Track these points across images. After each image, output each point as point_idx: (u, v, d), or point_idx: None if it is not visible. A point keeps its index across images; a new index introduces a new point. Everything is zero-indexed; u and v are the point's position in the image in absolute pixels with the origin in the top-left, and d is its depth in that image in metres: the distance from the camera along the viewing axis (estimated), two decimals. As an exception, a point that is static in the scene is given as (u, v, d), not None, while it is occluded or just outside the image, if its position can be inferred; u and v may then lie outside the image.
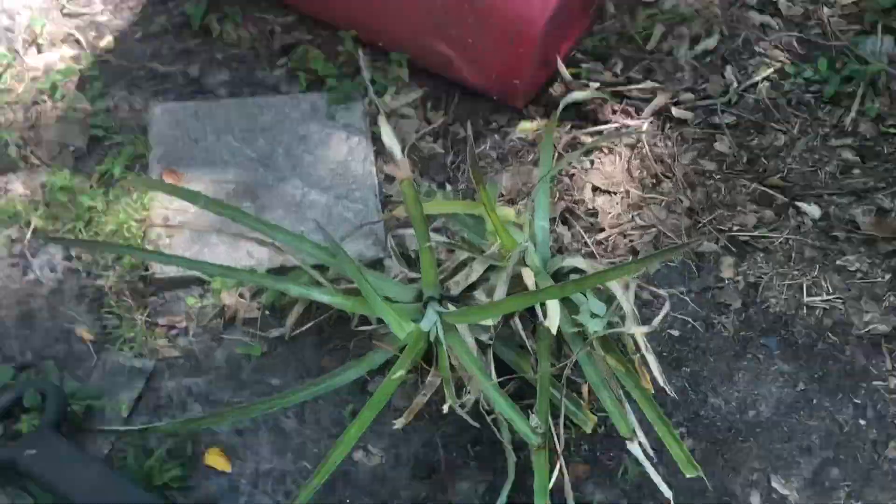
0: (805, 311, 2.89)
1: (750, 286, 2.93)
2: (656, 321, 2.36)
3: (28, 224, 2.84)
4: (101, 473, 2.36)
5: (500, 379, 2.42)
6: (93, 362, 2.63)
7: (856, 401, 2.75)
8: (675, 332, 2.83)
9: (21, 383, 2.50)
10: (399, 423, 2.38)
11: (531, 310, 2.48)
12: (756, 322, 2.86)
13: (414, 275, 2.63)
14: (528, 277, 2.40)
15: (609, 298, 2.47)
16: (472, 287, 2.54)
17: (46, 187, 2.91)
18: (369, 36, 3.34)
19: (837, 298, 2.91)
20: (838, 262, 2.99)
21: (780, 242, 3.02)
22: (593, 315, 2.42)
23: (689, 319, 2.85)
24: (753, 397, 2.73)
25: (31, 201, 2.89)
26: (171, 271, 2.74)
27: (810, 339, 2.84)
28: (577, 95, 3.13)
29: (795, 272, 2.96)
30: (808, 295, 2.91)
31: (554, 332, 2.28)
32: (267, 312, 2.75)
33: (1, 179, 2.95)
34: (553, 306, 2.30)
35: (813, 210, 3.08)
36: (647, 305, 2.85)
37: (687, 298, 2.89)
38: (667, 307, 2.40)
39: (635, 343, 2.43)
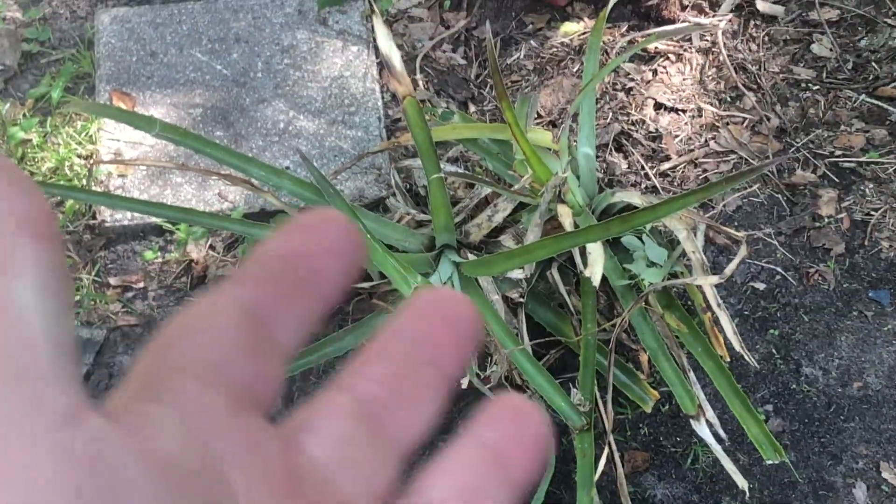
0: (927, 256, 2.91)
1: (856, 226, 2.93)
2: (730, 268, 2.37)
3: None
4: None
5: (536, 341, 2.45)
6: (30, 333, 2.70)
7: None
8: (760, 286, 2.85)
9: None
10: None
11: (574, 260, 2.50)
12: (864, 271, 2.88)
13: (424, 217, 2.66)
14: (566, 217, 2.42)
15: (672, 243, 2.49)
16: (497, 231, 2.57)
17: (-32, 117, 2.98)
18: (370, -82, 3.36)
19: (969, 239, 2.92)
20: (970, 194, 3.00)
21: (896, 170, 3.02)
22: (650, 264, 2.44)
23: (778, 269, 2.86)
24: (860, 365, 2.75)
25: (-50, 135, 2.96)
26: (125, 218, 2.79)
27: (933, 291, 2.86)
28: (636, -13, 3.14)
29: (915, 207, 2.97)
30: (931, 236, 2.93)
31: (596, 282, 2.30)
32: (244, 268, 2.79)
33: (-88, 108, 3.03)
34: (595, 251, 2.32)
35: (938, 128, 3.09)
36: (724, 252, 2.87)
37: (775, 242, 2.90)
38: (743, 251, 2.41)
39: (705, 299, 2.45)
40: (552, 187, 2.45)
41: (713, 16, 3.26)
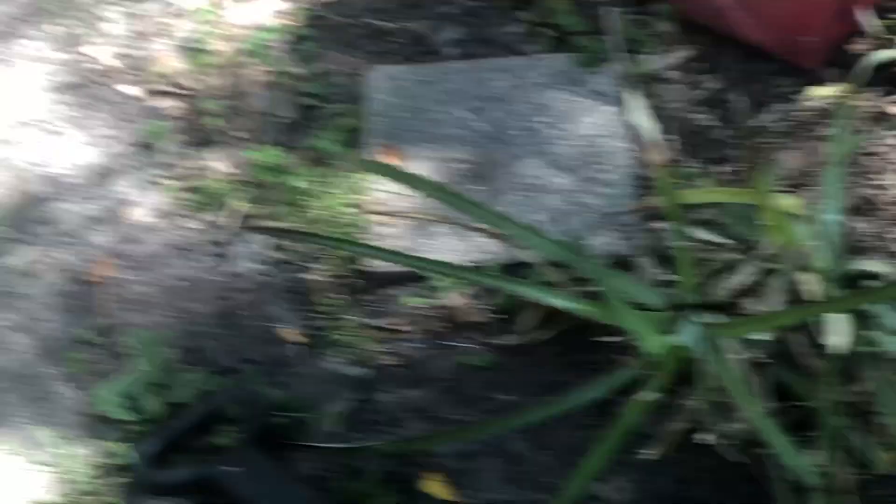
0: None
1: None
2: (974, 343, 2.38)
3: (229, 208, 3.14)
4: (307, 497, 2.61)
5: (775, 403, 2.50)
6: (299, 369, 2.90)
7: None
8: None
9: (220, 391, 2.78)
10: (654, 453, 2.51)
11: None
12: None
13: (668, 277, 2.74)
14: (811, 284, 2.46)
15: (914, 311, 2.50)
16: (740, 294, 2.62)
17: (251, 165, 3.20)
18: (627, -19, 3.46)
19: None
20: None
21: None
22: (893, 332, 2.46)
23: None
24: None
25: (234, 181, 3.19)
26: (389, 266, 2.95)
27: None
28: (887, 54, 3.13)
29: None
30: None
31: (840, 352, 2.34)
32: (497, 316, 2.92)
33: (199, 155, 3.27)
34: (840, 322, 2.35)
35: None
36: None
37: None
38: None
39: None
40: (797, 255, 2.50)
41: (964, 83, 3.23)
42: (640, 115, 2.56)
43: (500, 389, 2.83)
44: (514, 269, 2.90)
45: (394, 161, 3.12)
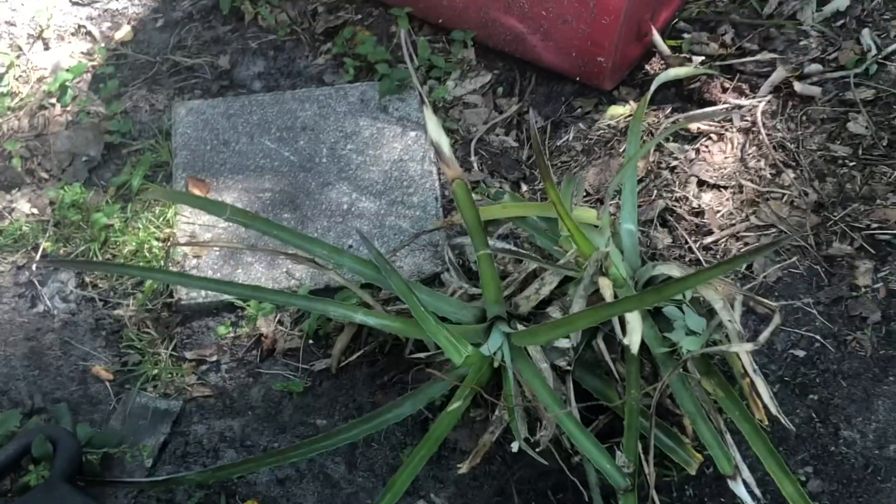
0: (962, 322, 2.95)
1: (892, 295, 2.98)
2: (763, 336, 2.46)
3: (36, 248, 3.08)
4: (122, 530, 2.57)
5: (583, 404, 2.55)
6: (111, 405, 2.85)
7: None
8: (800, 353, 2.91)
9: (29, 430, 2.71)
10: (464, 467, 2.53)
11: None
12: (900, 338, 2.93)
13: (476, 290, 2.78)
14: (607, 289, 2.53)
15: (711, 313, 2.58)
16: (544, 303, 2.68)
17: (56, 204, 3.15)
18: (427, 12, 3.53)
19: None
20: None
21: (931, 240, 3.07)
22: (690, 332, 2.53)
23: (817, 337, 2.93)
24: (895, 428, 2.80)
25: (39, 221, 3.14)
26: (199, 296, 2.94)
27: (968, 356, 2.90)
28: (677, 72, 3.24)
29: (949, 276, 3.02)
30: (966, 303, 2.97)
31: (634, 350, 2.40)
32: (310, 341, 2.93)
33: (4, 197, 3.21)
34: (634, 320, 2.42)
35: (972, 200, 3.13)
36: (765, 321, 2.94)
37: (814, 311, 2.97)
38: (777, 320, 2.49)
39: (743, 365, 2.53)
40: (595, 262, 2.56)
41: (753, 97, 3.36)
42: (441, 138, 2.60)
43: (315, 414, 2.83)
44: (325, 293, 2.91)
45: (202, 192, 3.11)
